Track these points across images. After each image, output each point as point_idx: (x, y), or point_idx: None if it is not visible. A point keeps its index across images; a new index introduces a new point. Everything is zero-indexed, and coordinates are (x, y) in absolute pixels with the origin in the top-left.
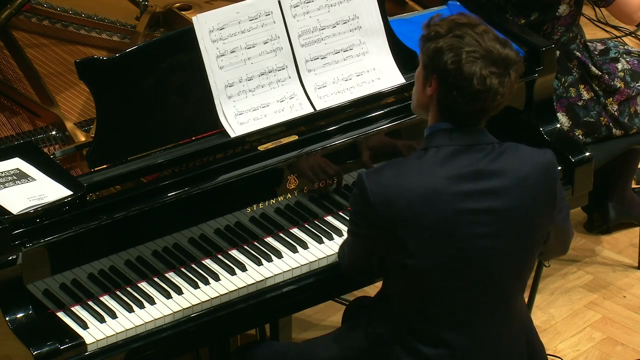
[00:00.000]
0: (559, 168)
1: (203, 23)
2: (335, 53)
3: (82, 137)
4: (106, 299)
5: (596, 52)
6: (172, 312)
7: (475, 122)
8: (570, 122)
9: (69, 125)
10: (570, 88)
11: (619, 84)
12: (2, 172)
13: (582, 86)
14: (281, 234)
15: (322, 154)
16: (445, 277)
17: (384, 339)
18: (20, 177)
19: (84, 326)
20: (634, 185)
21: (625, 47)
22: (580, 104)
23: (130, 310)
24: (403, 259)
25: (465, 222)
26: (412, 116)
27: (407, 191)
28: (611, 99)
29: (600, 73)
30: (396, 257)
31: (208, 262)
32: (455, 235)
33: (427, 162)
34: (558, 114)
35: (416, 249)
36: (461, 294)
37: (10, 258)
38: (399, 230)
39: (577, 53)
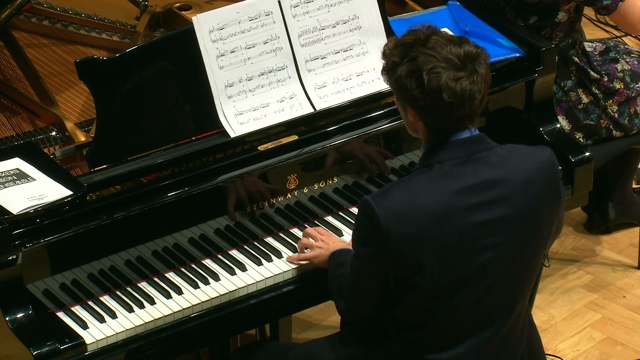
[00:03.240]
0: (559, 168)
1: (203, 23)
2: (335, 53)
3: (82, 137)
4: (106, 299)
5: (596, 53)
6: (172, 312)
7: (466, 125)
8: (571, 125)
9: (69, 125)
10: (570, 92)
11: (618, 85)
12: (2, 172)
13: (581, 90)
14: (281, 234)
15: (322, 154)
16: (457, 291)
17: (388, 349)
18: (20, 177)
19: (84, 326)
20: (634, 185)
21: (626, 47)
22: (580, 107)
23: (130, 310)
24: (419, 279)
25: (477, 234)
26: None
27: (418, 212)
28: (611, 100)
29: (598, 76)
30: (411, 278)
31: (208, 262)
32: (469, 249)
33: (433, 180)
34: (558, 117)
35: (433, 269)
36: (471, 302)
37: (10, 258)
38: (414, 252)
39: (576, 59)
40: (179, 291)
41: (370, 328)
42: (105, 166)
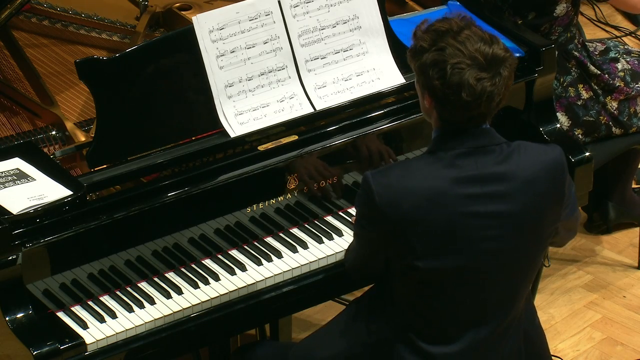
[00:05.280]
0: (566, 168)
1: (203, 23)
2: (335, 53)
3: (82, 137)
4: (106, 299)
5: (596, 53)
6: (172, 312)
7: (477, 124)
8: (570, 122)
9: (69, 125)
10: (569, 88)
11: (618, 83)
12: (2, 172)
13: (580, 86)
14: (281, 234)
15: (322, 154)
16: (451, 279)
17: (386, 338)
18: (20, 177)
19: (84, 326)
20: (634, 185)
21: (625, 47)
22: (579, 103)
23: (130, 310)
24: (410, 261)
25: (471, 225)
26: (412, 116)
27: (412, 193)
28: (609, 97)
29: (599, 72)
30: (404, 258)
31: (208, 262)
32: (461, 238)
33: (433, 164)
34: (557, 113)
35: (423, 251)
36: (467, 295)
37: (10, 258)
38: (405, 232)
39: (576, 53)
40: (179, 291)
41: (368, 316)
42: (105, 166)
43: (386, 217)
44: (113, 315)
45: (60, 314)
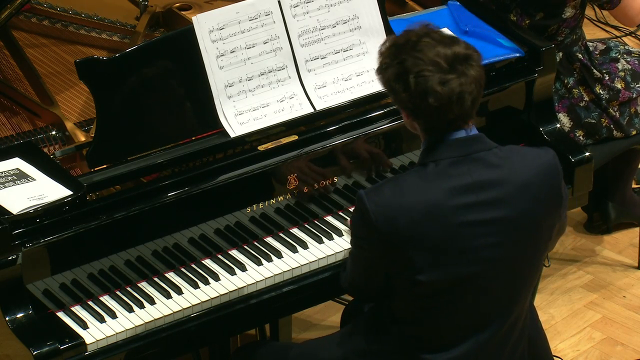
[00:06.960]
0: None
1: (203, 23)
2: (335, 53)
3: (82, 137)
4: (106, 299)
5: (597, 52)
6: (172, 312)
7: (458, 127)
8: (572, 123)
9: (69, 125)
10: (573, 90)
11: (619, 84)
12: (2, 172)
13: (582, 88)
14: (281, 234)
15: (322, 154)
16: (453, 289)
17: (387, 348)
18: (20, 177)
19: (84, 326)
20: (634, 185)
21: (626, 47)
22: (582, 105)
23: (130, 310)
24: (412, 276)
25: (469, 234)
26: None
27: (408, 209)
28: (614, 101)
29: (601, 75)
30: (405, 274)
31: (208, 262)
32: (461, 249)
33: (426, 178)
34: (560, 114)
35: (423, 265)
36: (469, 303)
37: (10, 258)
38: (404, 248)
39: (579, 55)
40: (179, 291)
41: (369, 326)
42: (105, 166)
43: (384, 235)
44: (113, 315)
45: (60, 314)
